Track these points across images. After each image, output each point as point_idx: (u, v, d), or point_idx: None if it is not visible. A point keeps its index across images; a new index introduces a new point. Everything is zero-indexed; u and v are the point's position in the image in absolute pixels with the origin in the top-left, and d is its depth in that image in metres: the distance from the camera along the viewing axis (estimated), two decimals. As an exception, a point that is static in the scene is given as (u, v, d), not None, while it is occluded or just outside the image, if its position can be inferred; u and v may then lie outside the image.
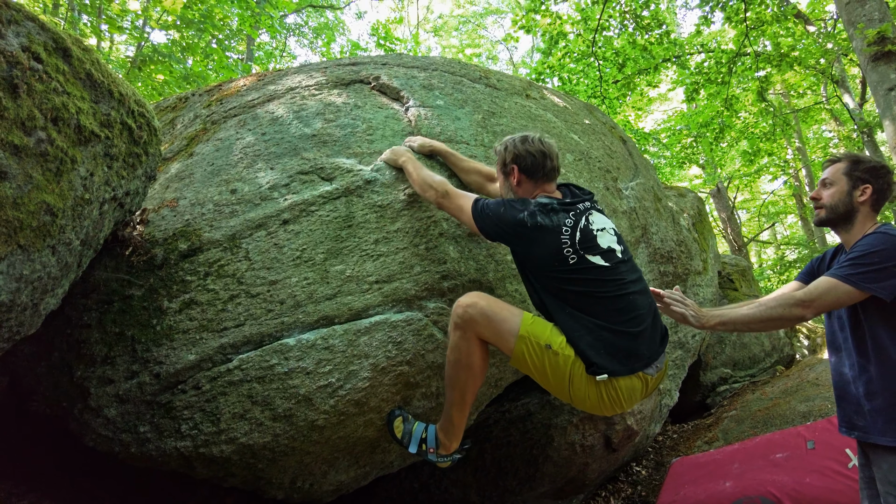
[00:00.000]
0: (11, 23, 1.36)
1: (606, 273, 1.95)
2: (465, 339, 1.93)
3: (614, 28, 7.59)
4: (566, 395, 1.96)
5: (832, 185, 2.02)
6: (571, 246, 1.94)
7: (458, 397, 2.01)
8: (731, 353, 6.65)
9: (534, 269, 2.03)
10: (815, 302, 1.85)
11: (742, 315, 2.02)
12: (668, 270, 4.91)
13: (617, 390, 1.89)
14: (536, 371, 1.94)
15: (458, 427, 2.07)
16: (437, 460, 2.09)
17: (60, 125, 1.45)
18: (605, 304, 1.93)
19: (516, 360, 1.95)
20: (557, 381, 1.92)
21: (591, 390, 1.89)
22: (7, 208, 1.29)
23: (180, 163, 2.73)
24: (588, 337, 1.90)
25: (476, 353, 1.95)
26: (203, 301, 2.15)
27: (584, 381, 1.89)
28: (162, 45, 9.32)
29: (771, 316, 1.93)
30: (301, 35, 17.12)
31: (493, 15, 22.01)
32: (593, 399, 1.91)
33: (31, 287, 1.48)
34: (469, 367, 1.95)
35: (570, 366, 1.89)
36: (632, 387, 1.92)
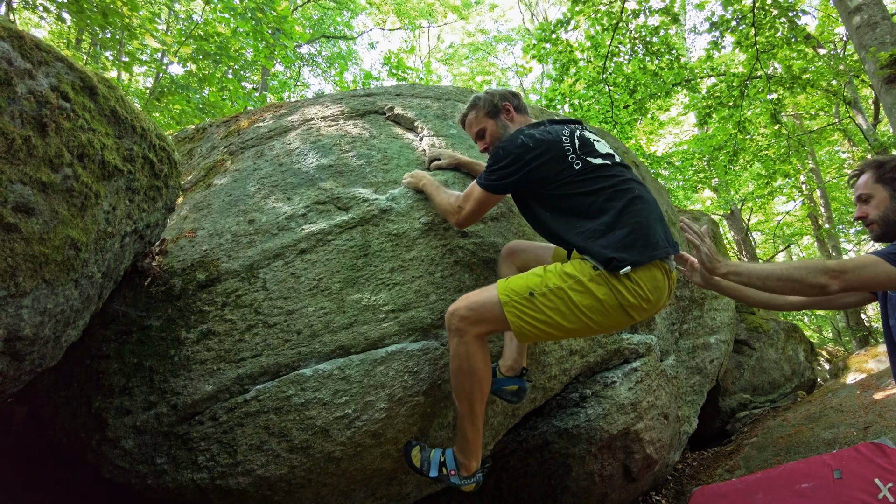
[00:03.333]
0: (42, 64, 1.41)
1: (610, 171, 2.00)
2: (463, 344, 1.92)
3: (624, 54, 7.66)
4: (585, 326, 1.87)
5: (871, 197, 1.92)
6: (574, 152, 2.00)
7: (468, 409, 1.97)
8: (751, 377, 6.54)
9: (542, 190, 2.03)
10: (845, 274, 1.67)
11: (759, 268, 1.89)
12: (684, 295, 4.87)
13: (639, 284, 1.83)
14: (544, 327, 1.86)
15: (473, 444, 2.02)
16: (459, 483, 2.03)
17: (86, 161, 1.49)
18: (614, 202, 1.93)
19: (520, 331, 1.88)
20: (567, 319, 1.85)
21: (609, 295, 1.82)
22: (34, 244, 1.32)
23: (198, 193, 2.78)
24: (601, 239, 1.87)
25: (476, 355, 1.92)
26: (221, 331, 2.16)
27: (599, 288, 1.83)
28: (179, 76, 9.54)
29: (792, 276, 1.76)
30: (315, 65, 17.48)
31: (503, 42, 22.35)
32: (613, 304, 1.83)
33: (55, 320, 1.50)
34: (472, 371, 1.92)
35: (567, 290, 1.84)
36: (653, 277, 1.86)
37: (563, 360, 2.83)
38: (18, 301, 1.31)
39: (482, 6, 22.01)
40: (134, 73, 9.89)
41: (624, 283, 1.82)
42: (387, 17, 20.13)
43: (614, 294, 1.83)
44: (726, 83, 7.77)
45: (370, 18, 21.23)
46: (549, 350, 2.70)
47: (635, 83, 7.73)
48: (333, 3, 16.83)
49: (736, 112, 7.73)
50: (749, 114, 9.47)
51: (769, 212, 19.41)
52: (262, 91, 12.94)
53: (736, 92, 7.52)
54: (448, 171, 2.64)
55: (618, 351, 3.38)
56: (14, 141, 1.27)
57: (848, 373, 7.45)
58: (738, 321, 6.76)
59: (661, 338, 4.22)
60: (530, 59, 7.66)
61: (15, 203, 1.27)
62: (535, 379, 2.65)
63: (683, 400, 4.49)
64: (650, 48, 7.26)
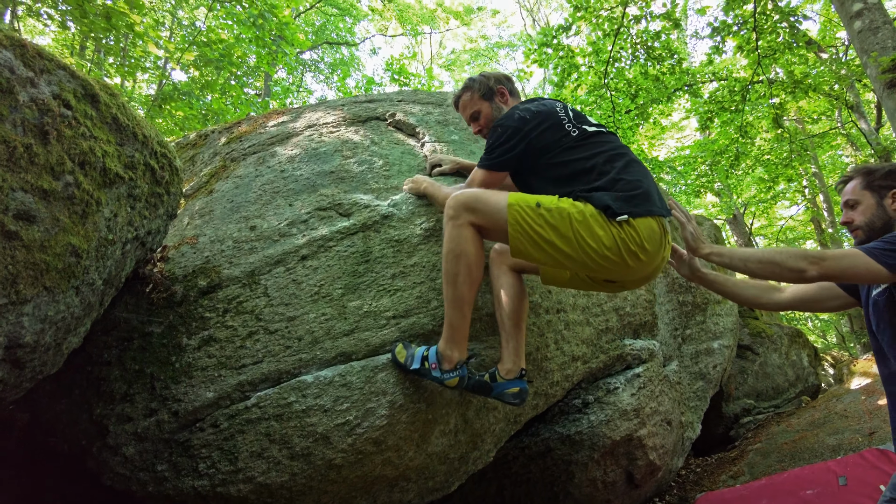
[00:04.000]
0: (44, 72, 1.41)
1: (605, 137, 2.10)
2: (457, 227, 1.95)
3: (626, 59, 7.67)
4: (581, 253, 1.88)
5: (858, 203, 1.93)
6: (570, 121, 2.09)
7: (456, 294, 1.97)
8: (754, 383, 6.51)
9: (542, 160, 2.07)
10: (825, 261, 1.67)
11: (741, 251, 1.94)
12: (686, 300, 4.86)
13: (636, 230, 1.86)
14: (540, 241, 1.88)
15: (458, 331, 2.00)
16: (440, 376, 1.98)
17: (87, 168, 1.49)
18: (614, 164, 2.00)
19: (515, 236, 1.89)
20: (564, 240, 1.87)
21: (607, 236, 1.85)
22: (35, 251, 1.32)
23: (200, 200, 2.78)
24: (600, 192, 1.92)
25: (469, 239, 1.95)
26: (222, 338, 2.16)
27: (598, 226, 1.86)
28: (182, 83, 9.58)
29: (772, 259, 1.78)
30: (317, 71, 17.55)
31: (505, 48, 22.41)
32: (610, 244, 1.85)
33: (55, 327, 1.50)
34: (462, 253, 1.94)
35: (571, 214, 1.87)
36: (650, 227, 1.89)
37: (566, 365, 2.82)
38: (19, 309, 1.31)
39: (484, 12, 22.10)
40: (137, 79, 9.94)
41: (622, 227, 1.86)
42: (389, 24, 20.22)
43: (612, 234, 1.86)
44: (728, 88, 7.77)
45: (372, 25, 21.33)
46: (550, 356, 2.70)
47: (637, 88, 7.73)
48: (336, 9, 16.90)
49: (738, 116, 7.72)
50: (751, 118, 9.47)
51: (772, 216, 19.40)
52: (264, 97, 13.00)
53: (738, 97, 7.51)
54: (450, 177, 2.65)
55: (620, 357, 3.37)
56: (16, 149, 1.28)
57: (852, 378, 7.41)
58: (741, 326, 6.74)
59: (663, 343, 4.21)
60: (531, 63, 7.68)
61: (16, 210, 1.27)
62: (537, 385, 2.64)
63: (687, 406, 4.47)
64: (652, 53, 7.26)
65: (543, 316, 2.66)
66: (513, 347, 2.24)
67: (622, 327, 3.43)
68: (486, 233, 2.01)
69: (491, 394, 2.15)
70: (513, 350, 2.23)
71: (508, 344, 2.25)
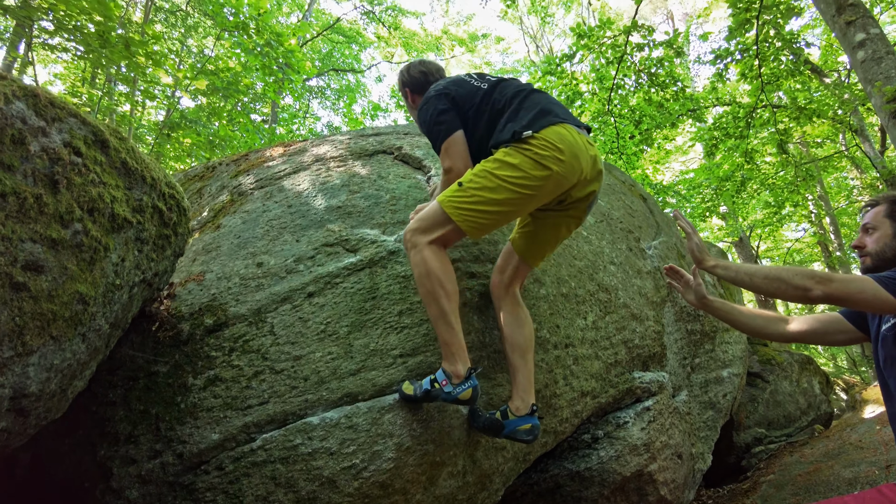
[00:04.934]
0: (55, 120, 1.42)
1: (510, 81, 2.40)
2: (418, 252, 2.05)
3: (629, 86, 7.72)
4: (515, 190, 2.03)
5: (875, 230, 1.90)
6: (476, 81, 2.41)
7: (437, 309, 2.02)
8: (765, 411, 6.40)
9: (472, 119, 2.32)
10: (832, 283, 1.63)
11: (747, 265, 1.91)
12: (695, 329, 4.81)
13: (544, 138, 2.05)
14: (483, 207, 2.03)
15: (453, 345, 2.03)
16: (454, 391, 1.96)
17: (96, 215, 1.49)
18: (514, 100, 2.24)
19: (463, 221, 2.03)
20: (496, 191, 2.02)
21: (523, 160, 2.04)
22: (42, 301, 1.31)
23: (207, 235, 2.78)
24: (509, 124, 2.15)
25: (431, 258, 2.03)
26: (228, 378, 2.14)
27: (511, 157, 2.05)
28: (190, 110, 9.69)
29: (778, 276, 1.76)
30: (324, 97, 17.76)
31: (509, 74, 22.63)
32: (528, 164, 2.02)
33: (61, 375, 1.49)
34: (430, 272, 2.02)
35: (486, 169, 2.07)
36: (557, 132, 2.08)
37: (575, 401, 2.78)
38: (25, 360, 1.30)
39: (488, 39, 22.41)
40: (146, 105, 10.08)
41: (530, 143, 2.06)
42: (395, 51, 20.50)
43: (525, 155, 2.04)
44: (732, 114, 7.79)
45: (378, 52, 21.62)
46: (559, 392, 2.66)
47: (641, 114, 7.77)
48: (342, 36, 17.18)
49: (743, 143, 7.73)
50: (756, 142, 9.48)
51: (778, 238, 19.33)
52: (271, 123, 13.14)
53: (742, 123, 7.54)
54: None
55: (630, 390, 3.32)
56: (26, 200, 1.28)
57: (865, 405, 7.29)
58: (750, 353, 6.66)
59: (672, 373, 4.15)
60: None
61: (25, 262, 1.27)
62: (546, 422, 2.60)
63: (697, 436, 4.40)
64: (655, 80, 7.31)
65: (552, 352, 2.63)
66: (521, 382, 2.21)
67: (631, 360, 3.39)
68: (447, 239, 2.11)
69: (503, 432, 2.12)
70: (521, 385, 2.21)
71: (516, 378, 2.23)
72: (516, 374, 2.23)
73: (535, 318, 2.63)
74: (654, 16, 23.53)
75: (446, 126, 2.29)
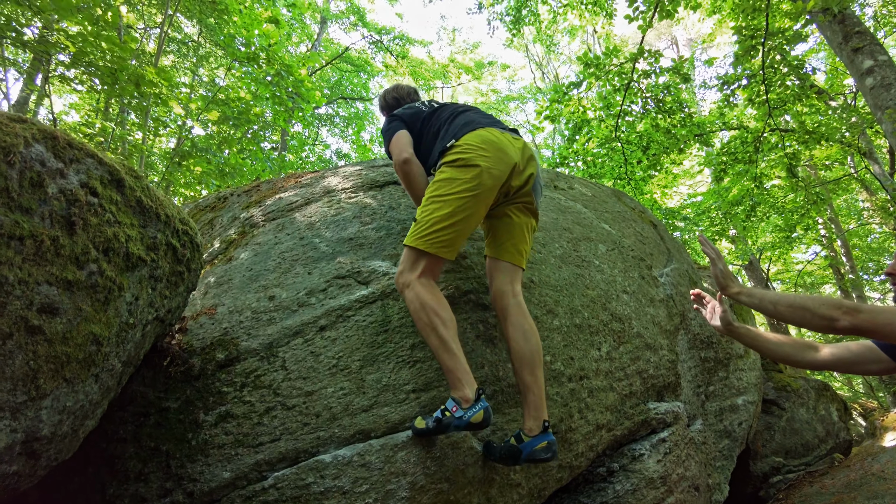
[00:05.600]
0: (73, 161, 1.43)
1: (452, 105, 2.75)
2: (410, 290, 2.16)
3: (636, 112, 7.76)
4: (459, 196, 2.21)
5: None
6: (425, 106, 2.82)
7: (437, 340, 2.07)
8: (782, 440, 6.26)
9: (424, 137, 2.66)
10: (860, 314, 1.57)
11: (771, 293, 1.87)
12: (709, 356, 4.74)
13: (466, 142, 2.33)
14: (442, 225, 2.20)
15: (457, 370, 2.03)
16: (465, 415, 1.94)
17: (111, 255, 1.49)
18: (447, 125, 2.56)
19: (431, 247, 2.19)
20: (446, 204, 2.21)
21: (452, 169, 2.28)
22: (57, 344, 1.31)
23: (219, 268, 2.79)
24: (440, 142, 2.48)
25: (422, 292, 2.13)
26: (239, 414, 2.12)
27: (444, 173, 2.30)
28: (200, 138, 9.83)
29: (804, 304, 1.70)
30: (333, 125, 17.97)
31: (515, 101, 22.87)
32: (458, 172, 2.25)
33: (73, 417, 1.47)
34: (424, 305, 2.11)
35: (429, 194, 2.30)
36: (478, 135, 2.35)
37: (590, 435, 2.73)
38: (38, 403, 1.29)
39: (494, 66, 22.68)
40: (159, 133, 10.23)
41: (454, 150, 2.32)
42: (402, 79, 20.79)
43: (454, 165, 2.28)
44: (740, 139, 7.80)
45: (386, 80, 21.94)
46: (575, 426, 2.61)
47: (648, 140, 7.79)
48: (351, 66, 17.45)
49: (752, 167, 7.72)
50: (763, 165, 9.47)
51: (788, 261, 19.16)
52: (281, 151, 13.29)
53: (750, 147, 7.53)
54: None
55: (645, 421, 3.26)
56: (43, 242, 1.28)
57: (886, 433, 7.13)
58: (765, 380, 6.54)
59: (687, 402, 4.08)
60: (543, 120, 7.80)
61: (40, 305, 1.27)
62: (561, 457, 2.55)
63: (713, 466, 4.30)
64: (662, 106, 7.35)
65: (566, 385, 2.59)
66: (533, 401, 2.18)
67: (646, 390, 3.33)
68: (430, 270, 2.23)
69: (521, 457, 2.07)
70: (533, 404, 2.17)
71: (528, 398, 2.19)
72: (527, 393, 2.19)
73: (549, 350, 2.60)
74: (658, 41, 23.80)
75: (392, 129, 2.67)
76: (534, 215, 2.55)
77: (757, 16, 6.87)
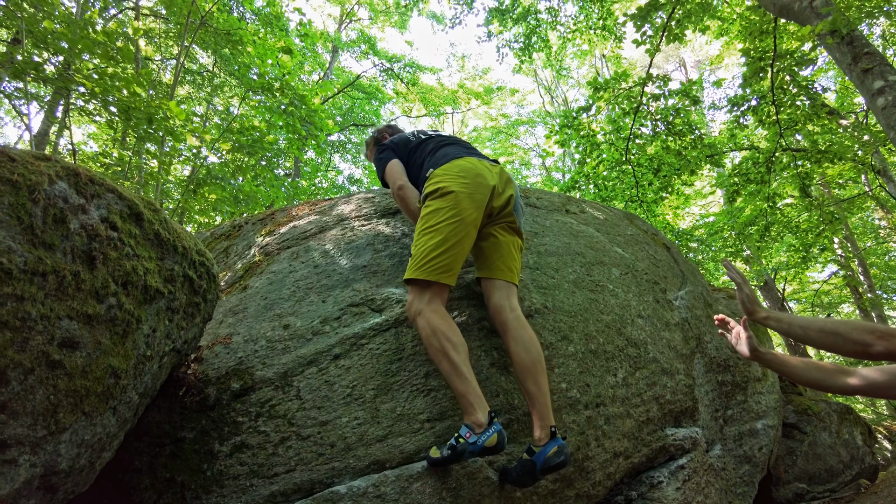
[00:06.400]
0: (94, 197, 1.47)
1: (439, 136, 2.94)
2: (422, 318, 2.20)
3: (646, 135, 7.78)
4: (448, 220, 2.33)
5: None
6: (413, 136, 3.01)
7: (448, 364, 2.08)
8: (805, 465, 6.11)
9: (411, 162, 2.88)
10: (895, 338, 1.53)
11: (800, 318, 1.81)
12: (726, 380, 4.66)
13: (443, 171, 2.50)
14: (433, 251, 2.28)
15: (469, 394, 2.04)
16: (478, 440, 1.93)
17: (129, 288, 1.51)
18: (430, 158, 2.73)
19: (431, 275, 2.25)
20: (437, 232, 2.32)
21: (433, 198, 2.43)
22: (76, 378, 1.32)
23: (234, 296, 2.81)
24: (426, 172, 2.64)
25: (433, 318, 2.18)
26: (254, 444, 2.11)
27: (428, 203, 2.44)
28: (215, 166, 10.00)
29: (835, 329, 1.66)
30: (345, 151, 18.19)
31: (525, 125, 23.04)
32: (440, 201, 2.39)
33: (91, 450, 1.48)
34: (435, 330, 2.14)
35: (416, 228, 2.43)
36: (455, 164, 2.53)
37: (608, 463, 2.69)
38: (57, 437, 1.30)
39: (504, 91, 22.92)
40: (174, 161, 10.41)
41: (432, 181, 2.49)
42: (413, 105, 21.08)
43: (435, 196, 2.42)
44: (752, 159, 7.78)
45: (397, 107, 22.26)
46: (592, 454, 2.57)
47: (659, 162, 7.79)
48: (362, 93, 17.73)
49: (764, 188, 7.68)
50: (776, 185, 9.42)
51: (804, 281, 18.87)
52: (294, 177, 13.45)
53: (762, 168, 7.50)
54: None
55: (663, 448, 3.20)
56: (65, 277, 1.30)
57: (912, 458, 6.93)
58: (784, 403, 6.41)
59: (705, 427, 4.00)
60: (553, 144, 7.84)
61: (61, 339, 1.29)
62: (578, 487, 2.51)
63: (733, 493, 4.20)
64: (672, 129, 7.36)
65: (583, 412, 2.56)
66: (539, 410, 2.16)
67: (663, 416, 3.28)
68: (438, 297, 2.28)
69: (537, 469, 2.04)
70: (540, 412, 2.16)
71: (534, 407, 2.18)
72: (534, 402, 2.18)
73: (565, 377, 2.58)
74: (666, 63, 23.95)
75: (385, 159, 2.89)
76: (518, 234, 2.65)
77: (765, 38, 6.92)
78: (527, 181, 22.49)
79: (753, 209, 8.78)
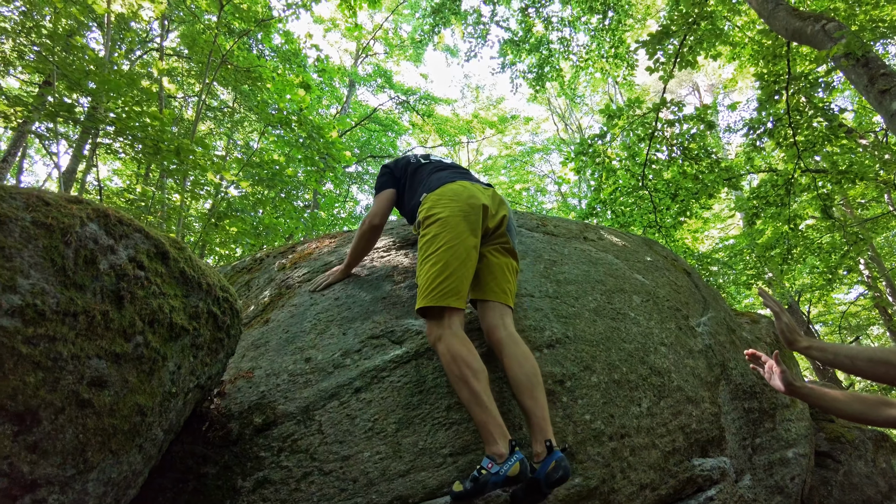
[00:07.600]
0: (123, 237, 1.51)
1: (439, 161, 3.04)
2: (442, 342, 2.19)
3: (662, 160, 7.77)
4: (445, 242, 2.37)
5: None
6: (415, 159, 3.07)
7: (468, 392, 2.07)
8: (840, 496, 5.88)
9: (409, 185, 2.94)
10: None
11: (846, 347, 1.72)
12: (753, 407, 4.55)
13: (436, 195, 2.57)
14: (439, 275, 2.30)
15: (490, 423, 2.01)
16: (500, 470, 1.90)
17: (156, 326, 1.54)
18: (430, 175, 2.83)
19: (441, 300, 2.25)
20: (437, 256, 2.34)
21: (430, 223, 2.48)
22: (105, 416, 1.34)
23: (256, 330, 2.84)
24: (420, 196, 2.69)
25: (453, 343, 2.17)
26: (276, 479, 2.11)
27: (423, 229, 2.50)
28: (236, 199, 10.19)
29: (886, 359, 1.59)
30: (362, 182, 18.44)
31: (539, 153, 23.19)
32: (434, 225, 2.45)
33: (117, 487, 1.49)
34: (455, 357, 2.13)
35: (417, 256, 2.48)
36: (447, 188, 2.59)
37: (634, 496, 2.62)
38: (85, 476, 1.31)
39: (518, 120, 23.15)
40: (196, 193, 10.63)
41: (425, 205, 2.57)
42: (429, 136, 21.36)
43: (430, 222, 2.47)
44: (770, 182, 7.72)
45: (413, 137, 22.57)
46: (618, 488, 2.52)
47: (676, 187, 7.77)
48: (379, 125, 18.04)
49: (784, 210, 7.59)
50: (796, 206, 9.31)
51: (830, 302, 18.45)
52: (313, 208, 13.63)
53: (781, 190, 7.44)
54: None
55: (690, 479, 3.12)
56: (94, 317, 1.34)
57: (953, 487, 6.63)
58: (815, 430, 6.22)
59: (733, 456, 3.89)
60: (569, 170, 7.87)
61: (90, 378, 1.31)
62: (605, 521, 2.45)
63: (768, 528, 4.05)
64: (688, 153, 7.35)
65: (608, 444, 2.52)
66: (537, 423, 2.13)
67: (689, 446, 3.21)
68: (454, 321, 2.28)
69: (542, 484, 1.96)
70: (537, 426, 2.12)
71: (531, 421, 2.14)
72: (530, 417, 2.15)
73: (588, 408, 2.54)
74: (680, 88, 24.04)
75: (380, 186, 2.99)
76: (512, 255, 2.68)
77: (778, 61, 6.92)
78: (543, 207, 22.52)
79: (774, 231, 8.66)
